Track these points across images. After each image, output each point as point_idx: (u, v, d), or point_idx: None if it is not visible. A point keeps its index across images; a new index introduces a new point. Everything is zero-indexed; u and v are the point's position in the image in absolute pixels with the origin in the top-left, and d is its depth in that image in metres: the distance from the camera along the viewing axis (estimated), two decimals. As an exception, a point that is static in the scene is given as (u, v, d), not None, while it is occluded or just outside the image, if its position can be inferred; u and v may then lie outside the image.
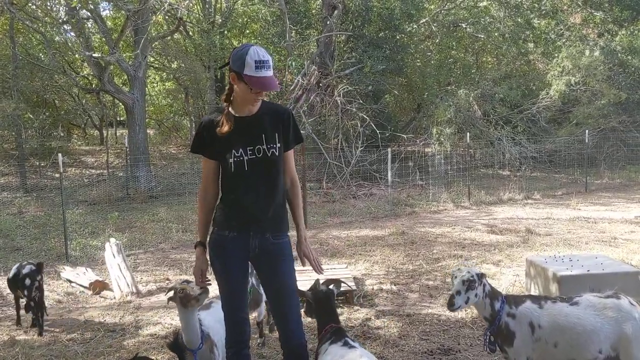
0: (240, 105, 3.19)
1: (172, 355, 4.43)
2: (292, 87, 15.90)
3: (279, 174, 3.24)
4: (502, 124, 17.90)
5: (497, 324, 3.53)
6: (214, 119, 3.23)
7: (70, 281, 7.65)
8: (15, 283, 5.58)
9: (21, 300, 5.74)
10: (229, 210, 3.24)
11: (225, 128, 3.15)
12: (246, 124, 3.17)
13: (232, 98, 3.19)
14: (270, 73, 3.06)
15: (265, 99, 3.28)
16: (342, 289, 5.96)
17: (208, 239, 3.30)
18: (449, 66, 19.81)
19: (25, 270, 5.51)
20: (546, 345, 3.48)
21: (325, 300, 3.46)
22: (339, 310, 5.74)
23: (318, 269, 3.33)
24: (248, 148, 3.15)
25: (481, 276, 3.56)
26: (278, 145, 3.19)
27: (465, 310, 5.64)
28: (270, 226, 3.22)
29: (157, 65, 24.01)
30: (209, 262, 3.33)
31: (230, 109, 3.19)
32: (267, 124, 3.19)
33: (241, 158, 3.15)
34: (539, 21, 20.56)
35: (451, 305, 3.54)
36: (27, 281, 5.44)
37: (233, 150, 3.15)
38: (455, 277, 3.57)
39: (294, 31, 17.01)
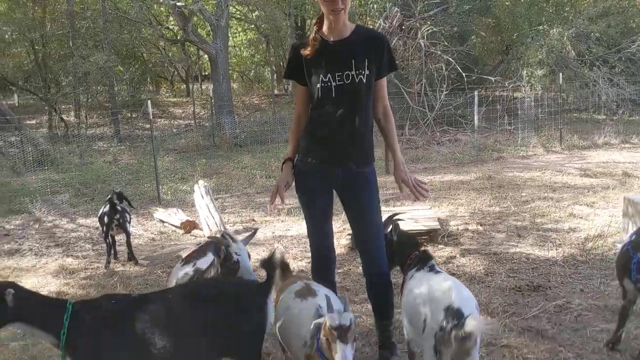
0: (329, 28, 3.07)
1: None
2: (373, 32, 15.52)
3: (368, 101, 3.10)
4: (598, 64, 16.77)
5: None
6: (303, 42, 3.16)
7: (162, 221, 8.00)
8: (101, 220, 6.01)
9: (117, 236, 6.19)
10: (314, 137, 3.15)
11: (307, 50, 3.06)
12: (336, 49, 3.05)
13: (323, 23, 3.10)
14: None
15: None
16: (424, 228, 5.91)
17: (294, 164, 3.26)
18: (541, 4, 18.63)
19: (105, 209, 5.97)
20: None
21: (401, 232, 3.37)
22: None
23: (418, 194, 3.10)
24: (337, 74, 3.02)
25: None
26: (367, 72, 3.03)
27: (556, 249, 5.43)
28: (354, 155, 3.12)
29: (238, 16, 24.21)
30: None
31: (319, 32, 3.09)
32: (358, 49, 3.04)
33: (329, 84, 3.03)
34: (642, -49, 18.89)
35: None
36: (106, 219, 5.91)
37: (321, 76, 3.04)
38: None
39: (376, -28, 16.53)
